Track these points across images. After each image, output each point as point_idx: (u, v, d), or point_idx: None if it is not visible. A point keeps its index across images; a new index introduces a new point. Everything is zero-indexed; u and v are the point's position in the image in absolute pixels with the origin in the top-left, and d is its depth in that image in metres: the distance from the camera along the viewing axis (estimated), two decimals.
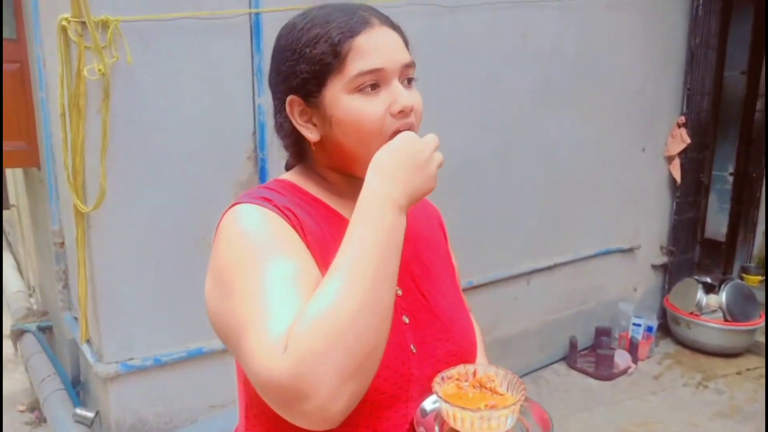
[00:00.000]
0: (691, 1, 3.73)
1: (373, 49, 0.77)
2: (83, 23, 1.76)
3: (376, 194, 0.72)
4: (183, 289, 2.09)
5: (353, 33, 0.77)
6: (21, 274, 4.24)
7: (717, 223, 4.87)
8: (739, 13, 4.45)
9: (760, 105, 4.51)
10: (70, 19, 1.76)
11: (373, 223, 0.70)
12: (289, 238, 0.76)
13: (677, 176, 3.88)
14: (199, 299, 2.33)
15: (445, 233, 1.05)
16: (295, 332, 0.63)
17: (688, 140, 3.81)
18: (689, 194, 4.06)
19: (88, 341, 2.15)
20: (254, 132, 2.15)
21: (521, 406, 0.81)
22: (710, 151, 4.60)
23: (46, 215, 2.55)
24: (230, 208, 0.80)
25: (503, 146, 2.99)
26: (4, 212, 4.79)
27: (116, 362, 2.03)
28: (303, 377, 0.61)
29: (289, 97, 0.81)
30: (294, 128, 0.83)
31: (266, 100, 2.12)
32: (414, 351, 0.83)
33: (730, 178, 4.80)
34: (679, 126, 3.83)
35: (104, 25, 1.78)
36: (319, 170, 0.87)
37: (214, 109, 2.06)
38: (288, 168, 0.93)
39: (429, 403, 0.82)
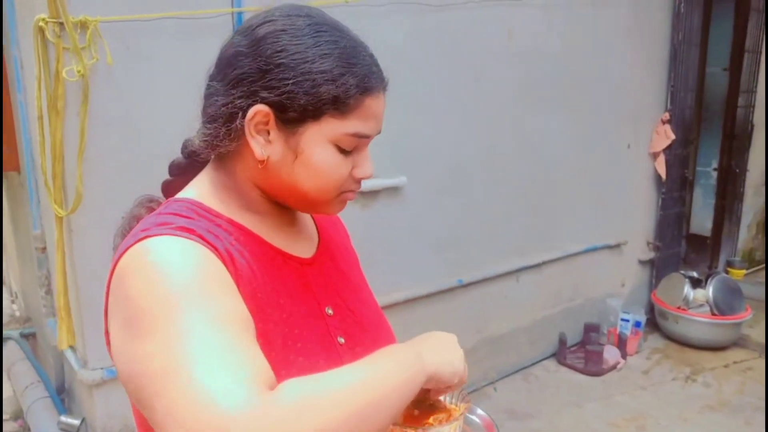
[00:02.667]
0: None
1: (374, 115, 0.74)
2: (61, 24, 1.73)
3: (415, 356, 0.71)
4: None
5: (368, 91, 0.72)
6: (2, 280, 4.17)
7: (702, 218, 4.92)
8: (719, 10, 4.49)
9: (742, 101, 4.56)
10: (48, 19, 1.73)
11: (400, 370, 0.67)
12: (219, 275, 0.66)
13: (662, 172, 3.91)
14: None
15: (348, 235, 1.00)
16: (292, 385, 0.57)
17: (673, 136, 3.84)
18: (674, 190, 4.09)
19: (72, 347, 2.11)
20: None
21: (470, 415, 0.83)
22: (694, 147, 4.65)
23: (27, 220, 2.51)
24: (132, 245, 0.66)
25: (489, 144, 2.99)
26: None
27: (101, 368, 1.99)
28: (289, 417, 0.54)
29: (260, 107, 0.70)
30: (241, 133, 0.72)
31: None
32: (342, 342, 0.80)
33: (714, 174, 4.85)
34: (663, 122, 3.86)
35: (83, 25, 1.75)
36: (241, 184, 0.77)
37: (195, 110, 2.02)
38: (191, 155, 0.81)
39: None
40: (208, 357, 0.56)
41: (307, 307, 0.77)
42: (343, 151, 0.73)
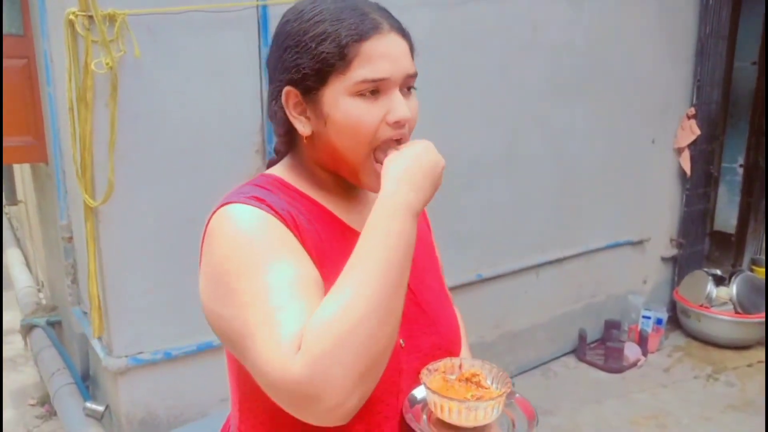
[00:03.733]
0: None
1: (380, 56, 0.76)
2: (90, 17, 1.76)
3: (395, 201, 0.72)
4: (192, 282, 2.08)
5: (362, 37, 0.75)
6: (30, 269, 4.26)
7: (727, 215, 4.83)
8: (749, 3, 4.39)
9: None
10: (78, 12, 1.75)
11: (390, 230, 0.70)
12: (287, 240, 0.75)
13: (687, 168, 3.85)
14: None
15: (428, 225, 1.05)
16: (308, 335, 0.64)
17: (698, 132, 3.78)
18: (699, 186, 4.03)
19: (99, 337, 2.16)
20: (262, 125, 2.14)
21: (508, 400, 0.83)
22: (720, 143, 4.56)
23: (54, 210, 2.56)
24: (220, 207, 0.77)
25: (513, 138, 2.97)
26: (13, 208, 4.81)
27: (126, 356, 2.03)
28: (317, 379, 0.62)
29: (286, 88, 0.79)
30: (287, 118, 0.81)
31: None
32: (402, 345, 0.84)
33: (740, 170, 4.75)
34: (689, 117, 3.80)
35: (111, 18, 1.77)
36: (308, 164, 0.86)
37: (222, 102, 2.05)
38: (277, 153, 0.91)
39: (418, 393, 0.84)
40: (269, 323, 0.67)
41: None
42: (366, 99, 0.77)
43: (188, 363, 2.14)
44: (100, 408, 2.24)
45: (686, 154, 3.83)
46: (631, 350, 3.48)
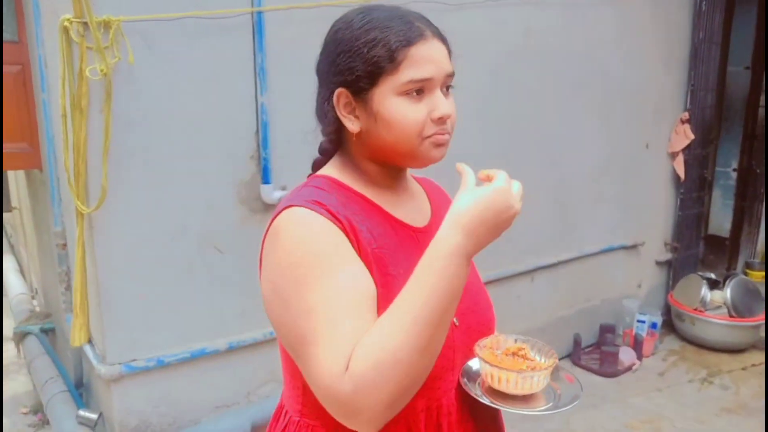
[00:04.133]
0: None
1: (425, 59, 0.85)
2: (85, 23, 1.76)
3: (451, 245, 0.77)
4: (186, 289, 2.09)
5: (409, 42, 0.84)
6: (23, 276, 4.24)
7: (721, 219, 4.85)
8: (742, 8, 4.42)
9: (764, 100, 4.49)
10: (72, 19, 1.75)
11: (444, 273, 0.76)
12: (346, 249, 0.82)
13: (681, 172, 3.87)
14: (202, 299, 2.32)
15: None
16: (356, 358, 0.73)
17: (692, 136, 3.80)
18: (693, 190, 4.05)
19: (90, 342, 2.15)
20: (257, 131, 2.14)
21: (555, 373, 0.93)
22: (714, 147, 4.59)
23: (48, 217, 2.55)
24: (283, 210, 0.84)
25: (508, 143, 2.98)
26: (7, 215, 4.79)
27: (119, 363, 2.02)
28: (358, 400, 0.72)
29: (338, 90, 0.87)
30: (337, 117, 0.89)
31: (269, 99, 2.11)
32: (457, 324, 0.92)
33: (734, 174, 4.78)
34: (682, 122, 3.82)
35: (106, 25, 1.78)
36: (357, 160, 0.93)
37: (217, 108, 2.05)
38: (321, 152, 0.97)
39: (473, 364, 0.93)
40: (323, 337, 0.75)
41: None
42: (412, 98, 0.85)
43: (181, 370, 2.14)
44: (93, 416, 2.23)
45: (680, 159, 3.85)
46: (626, 354, 3.49)
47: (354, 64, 0.85)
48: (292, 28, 2.15)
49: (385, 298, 0.81)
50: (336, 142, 0.95)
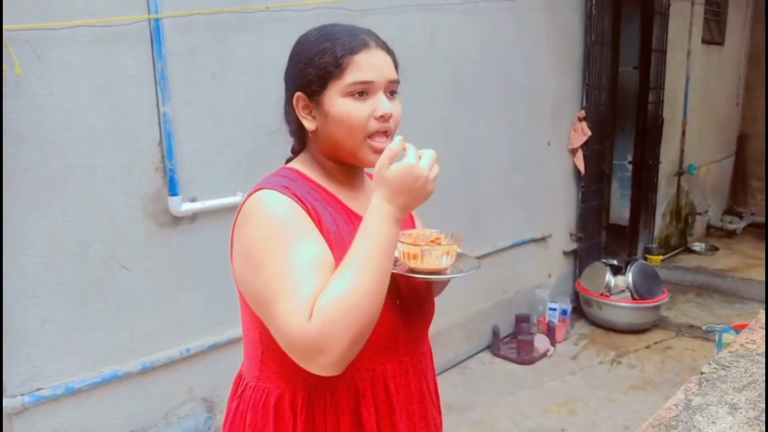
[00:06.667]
0: (585, 1, 3.95)
1: (368, 65, 0.98)
2: None
3: (380, 210, 0.92)
4: (93, 310, 1.99)
5: (354, 51, 0.98)
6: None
7: (620, 209, 5.20)
8: (628, 12, 4.77)
9: (651, 97, 4.86)
10: None
11: (378, 232, 0.91)
12: (309, 225, 0.95)
13: (581, 167, 4.10)
14: (110, 320, 2.20)
15: (411, 215, 1.28)
16: (319, 305, 0.85)
17: (589, 133, 4.04)
18: (593, 183, 4.31)
19: None
20: (160, 142, 2.07)
21: (461, 255, 1.09)
22: (610, 142, 4.91)
23: None
24: (253, 192, 0.98)
25: (417, 146, 3.04)
26: None
27: (22, 394, 1.90)
28: (324, 339, 0.84)
29: (296, 94, 1.01)
30: (297, 118, 1.03)
31: (171, 108, 2.06)
32: (398, 303, 1.05)
33: (630, 166, 5.14)
34: (580, 120, 4.06)
35: None
36: (317, 157, 1.07)
37: (116, 120, 1.97)
38: (294, 153, 1.12)
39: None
40: (291, 293, 0.88)
41: None
42: (356, 99, 0.97)
43: (93, 396, 2.03)
44: None
45: (580, 154, 4.08)
46: (541, 341, 3.66)
47: (308, 71, 0.99)
48: (193, 35, 2.10)
49: None
50: (301, 141, 1.09)
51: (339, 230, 0.99)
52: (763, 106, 6.30)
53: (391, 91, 1.03)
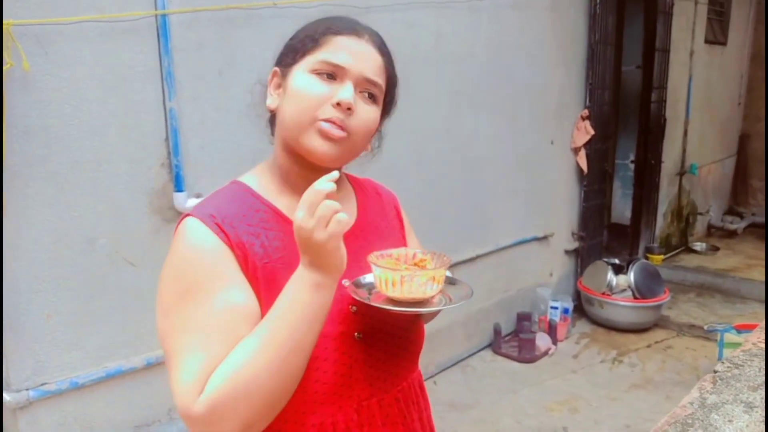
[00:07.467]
0: (589, 0, 3.95)
1: (346, 49, 0.86)
2: None
3: (295, 274, 0.79)
4: (98, 305, 1.99)
5: (337, 32, 0.88)
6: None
7: (622, 208, 5.21)
8: (631, 11, 4.76)
9: (654, 96, 4.86)
10: None
11: (291, 299, 0.78)
12: (227, 269, 0.82)
13: (584, 166, 4.11)
14: (115, 315, 2.21)
15: (401, 221, 1.12)
16: (211, 383, 0.75)
17: (593, 132, 4.04)
18: (595, 182, 4.31)
19: None
20: (167, 138, 2.07)
21: (451, 281, 0.92)
22: (613, 141, 4.91)
23: None
24: (184, 217, 0.86)
25: (421, 145, 3.05)
26: None
27: (26, 389, 1.90)
28: (212, 422, 0.75)
29: (273, 69, 0.92)
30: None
31: (178, 104, 2.05)
32: (359, 337, 0.90)
33: (632, 166, 5.14)
34: (583, 119, 4.06)
35: None
36: (278, 156, 0.92)
37: (122, 115, 1.97)
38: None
39: (365, 278, 0.90)
40: (187, 360, 0.77)
41: None
42: (321, 78, 0.86)
43: (97, 391, 2.03)
44: None
45: (582, 153, 4.08)
46: (542, 340, 3.66)
47: (291, 43, 0.91)
48: (200, 30, 2.10)
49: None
50: (273, 131, 0.95)
51: (272, 261, 0.84)
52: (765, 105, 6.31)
53: (369, 93, 0.89)
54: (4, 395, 1.90)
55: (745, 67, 6.71)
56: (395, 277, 0.83)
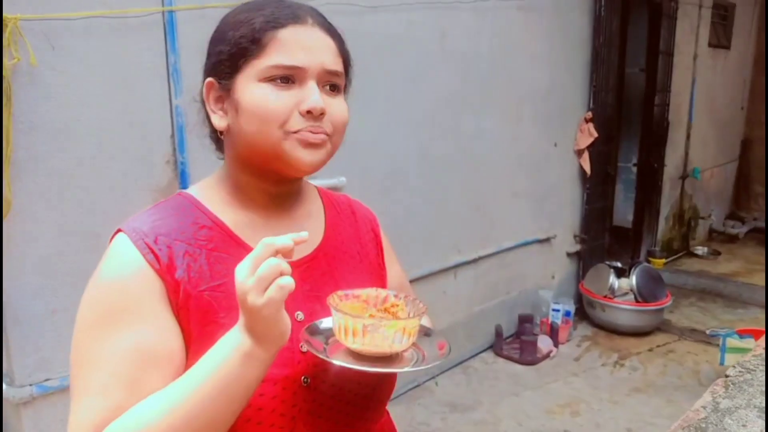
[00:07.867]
0: (594, 2, 3.95)
1: (297, 45, 0.74)
2: None
3: (225, 336, 0.68)
4: None
5: (278, 24, 0.74)
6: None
7: (624, 211, 5.20)
8: (636, 14, 4.76)
9: (658, 99, 4.86)
10: None
11: (215, 365, 0.66)
12: (148, 301, 0.71)
13: (587, 168, 4.10)
14: None
15: (379, 246, 0.97)
16: None
17: (596, 134, 4.04)
18: (598, 185, 4.31)
19: None
20: (172, 135, 2.07)
21: (426, 332, 0.79)
22: (615, 144, 4.91)
23: None
24: (117, 231, 0.76)
25: (426, 145, 3.05)
26: None
27: (30, 385, 1.89)
28: None
29: (207, 80, 0.77)
30: (208, 115, 0.79)
31: (184, 101, 2.05)
32: (306, 383, 0.77)
33: (634, 169, 5.14)
34: (586, 121, 4.05)
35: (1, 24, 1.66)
36: (231, 170, 0.81)
37: (129, 111, 1.96)
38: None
39: (323, 323, 0.77)
40: (86, 404, 0.69)
41: None
42: (277, 85, 0.73)
43: None
44: None
45: (586, 156, 4.08)
46: (544, 342, 3.66)
47: (220, 48, 0.76)
48: (206, 27, 2.09)
49: (203, 351, 0.69)
50: (219, 148, 0.82)
51: (210, 289, 0.73)
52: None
53: (332, 84, 0.77)
54: (7, 390, 1.90)
55: (749, 71, 6.71)
56: (356, 326, 0.70)
